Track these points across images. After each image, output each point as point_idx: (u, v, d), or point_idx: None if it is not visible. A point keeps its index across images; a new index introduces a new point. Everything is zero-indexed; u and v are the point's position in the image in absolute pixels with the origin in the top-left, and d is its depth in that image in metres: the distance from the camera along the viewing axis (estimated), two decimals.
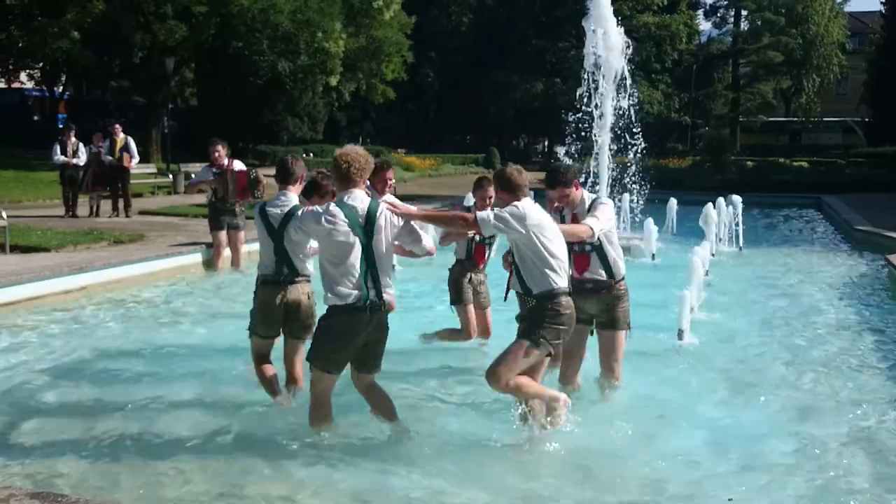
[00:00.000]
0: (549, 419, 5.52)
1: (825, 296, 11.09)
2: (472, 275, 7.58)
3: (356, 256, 5.14)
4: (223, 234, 12.11)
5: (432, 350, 7.75)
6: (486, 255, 7.62)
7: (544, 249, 5.31)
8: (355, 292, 5.15)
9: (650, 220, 13.99)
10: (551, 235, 5.36)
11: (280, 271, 6.01)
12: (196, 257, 12.42)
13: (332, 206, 5.20)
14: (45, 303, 9.65)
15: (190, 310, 9.81)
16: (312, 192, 6.09)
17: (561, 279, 5.38)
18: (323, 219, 5.14)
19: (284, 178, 6.13)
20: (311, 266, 6.06)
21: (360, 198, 5.22)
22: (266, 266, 6.05)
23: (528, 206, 5.38)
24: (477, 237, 7.25)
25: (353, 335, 5.22)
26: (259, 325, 6.14)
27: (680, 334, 8.29)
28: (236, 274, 11.90)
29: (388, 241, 5.26)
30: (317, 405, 5.50)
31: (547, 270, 5.33)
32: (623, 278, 6.28)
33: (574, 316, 5.48)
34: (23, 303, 9.47)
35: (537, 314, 5.36)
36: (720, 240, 15.28)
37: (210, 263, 12.27)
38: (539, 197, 5.78)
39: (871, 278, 12.51)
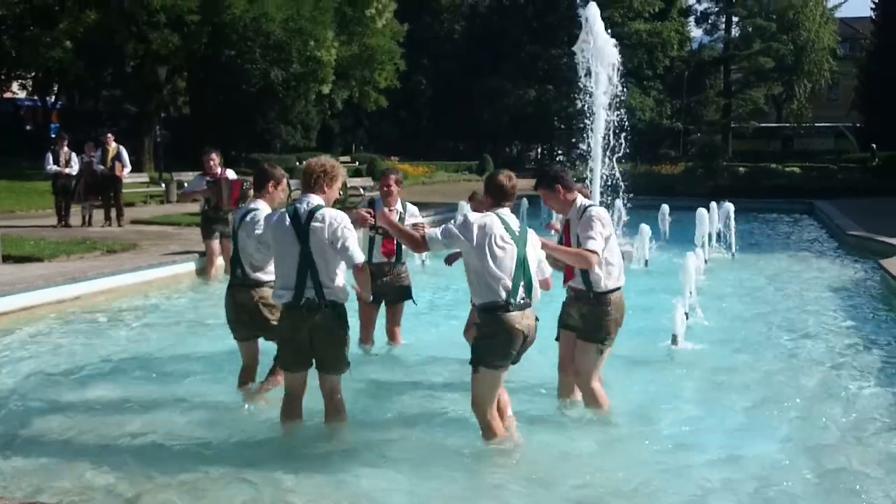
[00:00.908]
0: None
1: (818, 301, 11.12)
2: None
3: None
4: (216, 243, 12.09)
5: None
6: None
7: (485, 265, 5.16)
8: (291, 291, 5.38)
9: (644, 226, 14.02)
10: (499, 252, 5.17)
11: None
12: (189, 266, 12.41)
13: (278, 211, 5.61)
14: (38, 313, 9.63)
15: (183, 318, 9.80)
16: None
17: (502, 293, 5.15)
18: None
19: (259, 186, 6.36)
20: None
21: (307, 202, 5.42)
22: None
23: (485, 218, 5.24)
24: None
25: (292, 333, 5.43)
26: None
27: (674, 339, 8.31)
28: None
29: (323, 244, 5.31)
30: (283, 403, 5.76)
31: (491, 283, 5.17)
32: (608, 292, 5.87)
33: (521, 333, 5.19)
34: (16, 313, 9.44)
35: (480, 329, 5.31)
36: (713, 245, 15.32)
37: (203, 272, 12.25)
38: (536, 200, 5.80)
39: (863, 283, 12.55)
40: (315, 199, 5.42)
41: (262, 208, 6.14)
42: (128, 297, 10.84)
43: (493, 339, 5.19)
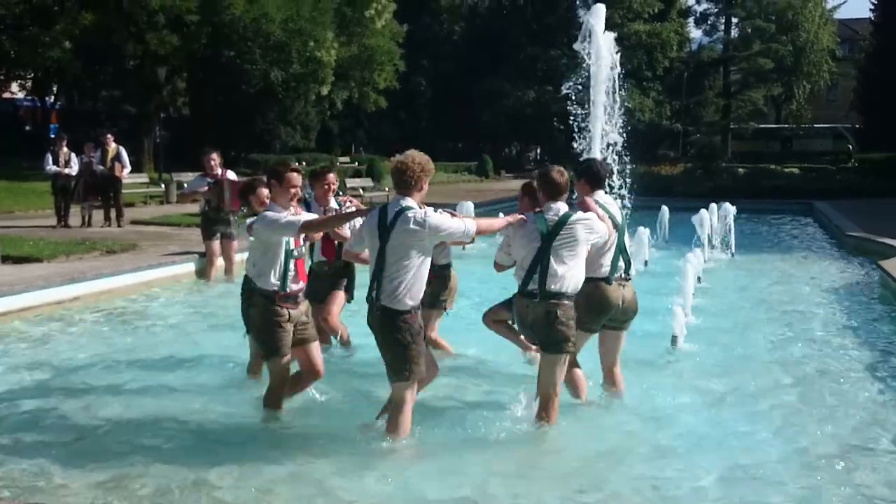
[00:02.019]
0: None
1: (817, 301, 11.13)
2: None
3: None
4: (216, 244, 12.08)
5: None
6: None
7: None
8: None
9: (643, 227, 14.03)
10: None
11: None
12: (189, 266, 12.40)
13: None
14: (37, 313, 9.62)
15: (183, 319, 9.80)
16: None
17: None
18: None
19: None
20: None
21: (399, 201, 5.37)
22: None
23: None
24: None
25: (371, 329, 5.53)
26: None
27: (673, 340, 8.31)
28: (229, 283, 11.88)
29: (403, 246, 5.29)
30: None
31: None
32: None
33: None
34: (15, 313, 9.43)
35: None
36: (713, 246, 15.33)
37: (202, 273, 12.24)
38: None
39: (862, 284, 12.55)
40: (407, 201, 5.35)
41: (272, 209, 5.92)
42: (127, 297, 10.83)
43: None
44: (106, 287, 10.85)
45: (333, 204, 7.45)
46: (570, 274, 5.68)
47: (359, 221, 6.05)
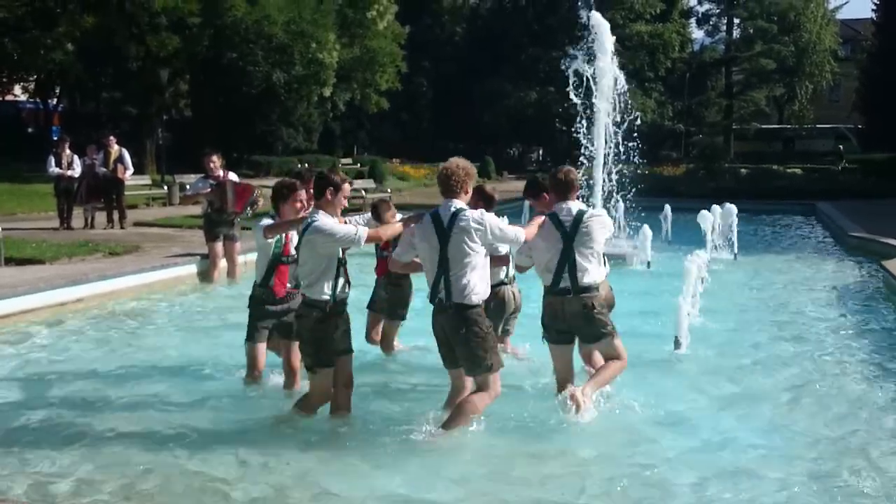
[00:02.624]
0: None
1: (820, 302, 11.11)
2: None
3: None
4: (219, 246, 12.06)
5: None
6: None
7: None
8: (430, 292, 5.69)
9: (646, 227, 14.02)
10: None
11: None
12: (191, 268, 12.39)
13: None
14: (40, 315, 9.62)
15: (185, 320, 9.80)
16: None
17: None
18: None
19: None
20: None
21: (450, 205, 5.62)
22: None
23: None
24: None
25: (435, 331, 5.75)
26: None
27: (676, 342, 8.29)
28: (233, 285, 11.88)
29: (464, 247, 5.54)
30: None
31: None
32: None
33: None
34: (18, 315, 9.43)
35: None
36: (716, 247, 15.31)
37: (205, 275, 12.23)
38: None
39: (865, 284, 12.53)
40: (457, 203, 5.64)
41: (322, 217, 5.68)
42: (130, 299, 10.83)
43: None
44: (109, 289, 10.85)
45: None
46: (593, 267, 6.06)
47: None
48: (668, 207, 17.12)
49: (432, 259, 5.62)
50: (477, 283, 5.57)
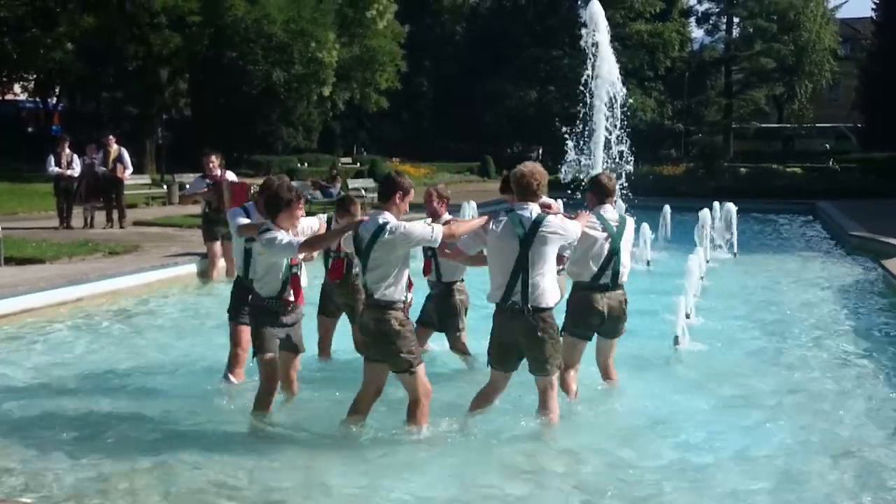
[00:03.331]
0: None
1: (820, 301, 11.12)
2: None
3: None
4: (217, 245, 12.06)
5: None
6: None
7: None
8: (500, 292, 5.70)
9: (645, 226, 14.01)
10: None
11: None
12: (191, 268, 12.40)
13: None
14: (40, 315, 9.63)
15: (185, 320, 9.80)
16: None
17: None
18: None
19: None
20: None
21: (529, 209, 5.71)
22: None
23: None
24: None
25: (499, 333, 5.80)
26: None
27: (676, 340, 8.30)
28: (231, 284, 11.87)
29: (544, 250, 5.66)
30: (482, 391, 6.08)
31: None
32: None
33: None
34: (18, 315, 9.44)
35: None
36: (716, 246, 15.31)
37: (204, 274, 12.24)
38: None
39: (865, 283, 12.54)
40: (533, 207, 5.71)
41: (392, 219, 5.62)
42: (130, 298, 10.83)
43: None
44: (108, 288, 10.86)
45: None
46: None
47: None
48: (667, 207, 17.11)
49: (507, 260, 5.63)
50: (553, 286, 5.72)
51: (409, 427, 5.70)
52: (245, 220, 6.65)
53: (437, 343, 7.75)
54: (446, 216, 7.34)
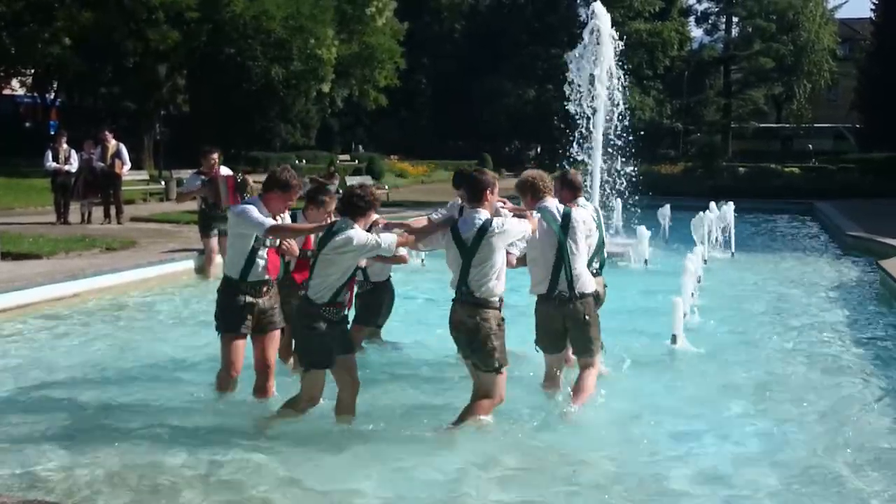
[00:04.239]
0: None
1: (817, 301, 11.12)
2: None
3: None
4: (214, 241, 12.02)
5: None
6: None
7: None
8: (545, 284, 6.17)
9: (643, 226, 14.02)
10: None
11: None
12: (188, 264, 12.38)
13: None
14: (37, 309, 9.60)
15: (182, 316, 9.79)
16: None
17: None
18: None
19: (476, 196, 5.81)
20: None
21: (555, 205, 6.24)
22: None
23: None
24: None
25: (548, 322, 6.28)
26: None
27: (673, 339, 8.30)
28: None
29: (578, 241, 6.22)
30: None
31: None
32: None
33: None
34: (15, 310, 9.42)
35: None
36: (714, 245, 15.31)
37: (201, 270, 12.22)
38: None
39: (862, 283, 12.55)
40: (556, 202, 6.24)
41: (493, 217, 5.69)
42: (127, 294, 10.81)
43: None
44: (105, 284, 10.84)
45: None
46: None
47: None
48: (666, 206, 17.11)
49: (549, 253, 6.10)
50: (586, 272, 6.24)
51: (473, 419, 5.72)
52: (271, 221, 5.94)
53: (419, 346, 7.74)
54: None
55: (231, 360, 6.21)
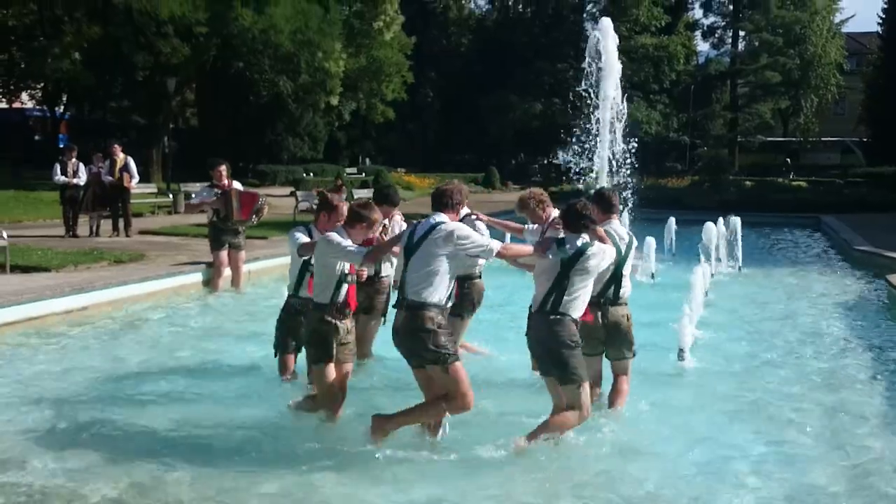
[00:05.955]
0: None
1: (824, 315, 11.09)
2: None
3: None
4: (224, 254, 12.09)
5: None
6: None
7: None
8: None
9: (650, 239, 14.01)
10: None
11: None
12: (196, 277, 12.42)
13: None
14: (45, 323, 9.63)
15: (190, 329, 9.81)
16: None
17: None
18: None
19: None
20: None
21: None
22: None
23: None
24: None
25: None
26: None
27: (680, 354, 8.29)
28: (236, 294, 11.91)
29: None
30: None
31: None
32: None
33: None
34: (23, 323, 9.45)
35: None
36: (719, 259, 15.29)
37: (210, 283, 12.25)
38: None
39: (870, 298, 12.52)
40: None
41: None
42: (135, 307, 10.84)
43: None
44: (114, 297, 10.86)
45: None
46: None
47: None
48: (672, 220, 17.11)
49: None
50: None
51: (546, 433, 5.73)
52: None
53: None
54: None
55: (339, 387, 6.16)
